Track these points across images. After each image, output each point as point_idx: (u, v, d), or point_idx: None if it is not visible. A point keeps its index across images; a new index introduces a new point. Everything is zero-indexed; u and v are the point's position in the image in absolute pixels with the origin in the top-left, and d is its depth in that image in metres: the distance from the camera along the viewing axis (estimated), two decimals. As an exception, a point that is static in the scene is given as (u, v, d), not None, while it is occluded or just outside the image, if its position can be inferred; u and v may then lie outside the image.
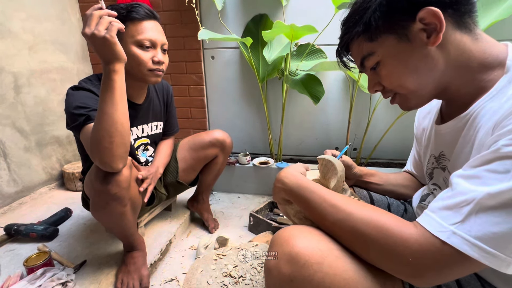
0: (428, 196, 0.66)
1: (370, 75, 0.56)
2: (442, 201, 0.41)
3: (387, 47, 0.50)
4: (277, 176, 0.63)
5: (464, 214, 0.38)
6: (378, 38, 0.50)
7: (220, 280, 0.93)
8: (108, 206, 0.83)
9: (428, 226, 0.40)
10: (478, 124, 0.47)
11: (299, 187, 0.55)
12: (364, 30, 0.50)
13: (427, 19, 0.45)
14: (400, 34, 0.48)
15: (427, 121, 0.68)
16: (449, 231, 0.38)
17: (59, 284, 0.89)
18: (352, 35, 0.52)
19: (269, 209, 1.45)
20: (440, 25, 0.45)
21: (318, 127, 1.73)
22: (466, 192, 0.38)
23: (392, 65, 0.51)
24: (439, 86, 0.51)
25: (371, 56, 0.52)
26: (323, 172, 0.65)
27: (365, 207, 0.47)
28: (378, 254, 0.44)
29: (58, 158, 1.74)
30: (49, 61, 1.64)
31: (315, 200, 0.51)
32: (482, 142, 0.44)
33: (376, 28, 0.49)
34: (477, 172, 0.39)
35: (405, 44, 0.48)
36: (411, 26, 0.47)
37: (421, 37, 0.47)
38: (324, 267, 0.44)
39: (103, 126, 0.70)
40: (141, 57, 0.89)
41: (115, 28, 0.66)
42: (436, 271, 0.39)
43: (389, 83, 0.53)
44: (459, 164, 0.51)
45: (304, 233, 0.49)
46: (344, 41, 0.55)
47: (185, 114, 1.86)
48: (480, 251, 0.36)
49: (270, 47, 1.48)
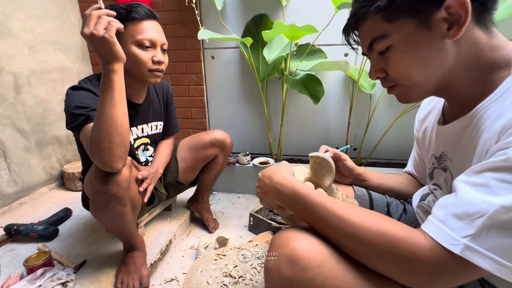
0: (428, 196, 0.66)
1: (375, 59, 0.53)
2: (448, 209, 0.40)
3: (403, 32, 0.46)
4: (266, 179, 0.59)
5: (477, 226, 0.37)
6: (397, 20, 0.46)
7: (220, 280, 0.93)
8: (108, 206, 0.83)
9: (439, 238, 0.39)
10: (481, 126, 0.45)
11: (296, 196, 0.52)
12: (386, 6, 0.45)
13: (454, 8, 0.42)
14: (421, 19, 0.44)
15: (427, 122, 0.67)
16: (462, 244, 0.37)
17: (59, 284, 0.89)
18: (370, 9, 0.47)
19: (269, 209, 1.45)
20: (465, 18, 0.42)
21: (318, 127, 1.73)
22: (476, 202, 0.37)
23: (404, 52, 0.48)
24: (442, 82, 0.49)
25: (384, 38, 0.48)
26: (316, 170, 0.64)
27: (371, 216, 0.46)
28: (388, 266, 0.43)
29: (58, 158, 1.74)
30: (49, 61, 1.64)
31: (318, 212, 0.49)
32: (486, 146, 0.43)
33: (399, 7, 0.45)
34: (485, 180, 0.38)
35: (423, 31, 0.45)
36: (435, 12, 0.43)
37: (441, 27, 0.44)
38: (324, 270, 0.44)
39: (103, 126, 0.70)
40: (141, 57, 0.89)
41: (114, 28, 0.66)
42: (446, 281, 0.39)
43: (396, 71, 0.50)
44: (461, 165, 0.50)
45: (304, 235, 0.49)
46: (359, 16, 0.49)
47: (185, 114, 1.86)
48: (494, 263, 0.36)
49: (270, 47, 1.47)
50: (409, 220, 0.73)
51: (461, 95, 0.50)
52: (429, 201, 0.65)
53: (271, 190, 0.57)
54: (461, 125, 0.51)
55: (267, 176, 0.59)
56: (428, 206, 0.64)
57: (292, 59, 1.51)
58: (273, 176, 0.57)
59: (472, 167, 0.41)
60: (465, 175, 0.41)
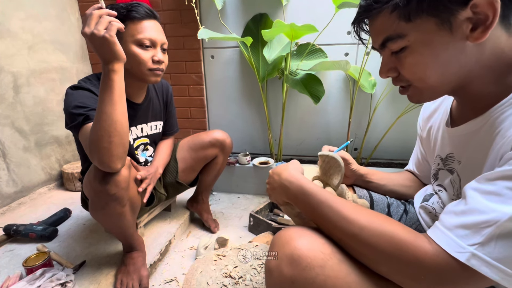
0: (432, 197, 0.65)
1: (387, 57, 0.49)
2: (456, 216, 0.39)
3: (422, 32, 0.42)
4: (275, 176, 0.59)
5: (485, 235, 0.36)
6: (417, 19, 0.42)
7: (220, 280, 0.93)
8: (107, 206, 0.83)
9: (445, 245, 0.38)
10: (496, 129, 0.43)
11: (303, 193, 0.53)
12: (406, 3, 0.41)
13: (481, 7, 0.38)
14: (443, 19, 0.40)
15: (433, 121, 0.65)
16: (468, 253, 0.36)
17: (59, 284, 0.89)
18: (384, 6, 0.43)
19: (269, 209, 1.44)
20: (493, 19, 0.38)
21: (318, 127, 1.73)
22: (486, 211, 0.36)
23: (421, 54, 0.44)
24: (458, 84, 0.46)
25: (400, 39, 0.44)
26: (325, 169, 0.64)
27: (376, 217, 0.45)
28: (390, 269, 0.43)
29: (58, 158, 1.73)
30: (48, 61, 1.63)
31: (324, 210, 0.49)
32: (501, 152, 0.41)
33: (419, 5, 0.41)
34: (497, 188, 0.37)
35: (444, 32, 0.41)
36: (459, 11, 0.39)
37: (464, 28, 0.40)
38: (326, 270, 0.44)
39: (102, 126, 0.70)
40: (141, 56, 0.89)
41: (114, 27, 0.66)
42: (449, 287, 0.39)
43: (411, 73, 0.47)
44: (471, 168, 0.49)
45: (306, 234, 0.48)
46: (374, 11, 0.45)
47: (185, 114, 1.86)
48: (501, 273, 0.35)
49: (270, 47, 1.47)
50: (410, 221, 0.72)
51: (476, 97, 0.48)
52: (433, 202, 0.64)
53: (279, 186, 0.57)
54: (473, 127, 0.49)
55: (277, 172, 0.60)
56: (432, 208, 0.63)
57: (292, 59, 1.50)
58: (282, 173, 0.58)
59: (484, 174, 0.39)
60: (477, 182, 0.40)
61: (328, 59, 1.46)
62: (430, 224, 0.63)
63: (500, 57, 0.43)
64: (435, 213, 0.62)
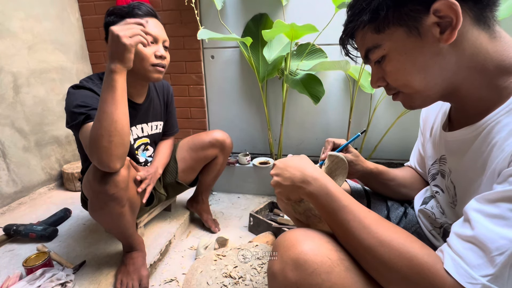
0: (431, 200, 0.64)
1: (375, 68, 0.52)
2: (466, 242, 0.38)
3: (394, 41, 0.45)
4: (291, 169, 0.55)
5: (497, 266, 0.35)
6: (386, 30, 0.45)
7: (220, 280, 0.93)
8: (106, 206, 0.83)
9: (456, 275, 0.37)
10: (492, 140, 0.43)
11: (327, 194, 0.50)
12: (370, 19, 0.45)
13: (443, 11, 0.40)
14: (410, 27, 0.43)
15: (432, 120, 0.64)
16: (480, 284, 0.35)
17: (59, 284, 0.89)
18: (357, 24, 0.47)
19: (269, 209, 1.44)
20: (456, 20, 0.40)
21: (318, 127, 1.73)
22: (495, 238, 0.35)
23: (398, 61, 0.46)
24: (448, 88, 0.47)
25: (377, 49, 0.47)
26: (331, 169, 0.64)
27: (398, 233, 0.43)
28: (400, 287, 0.42)
29: (58, 158, 1.73)
30: (48, 61, 1.63)
31: (344, 216, 0.47)
32: (498, 168, 0.40)
33: (385, 18, 0.44)
34: (501, 211, 0.36)
35: (415, 39, 0.43)
36: (423, 18, 0.42)
37: (433, 33, 0.42)
38: (333, 277, 0.43)
39: (103, 125, 0.70)
40: (144, 52, 0.90)
41: (138, 39, 0.71)
42: None
43: (394, 80, 0.49)
44: (467, 178, 0.48)
45: (312, 238, 0.47)
46: (349, 30, 0.50)
47: (185, 114, 1.86)
48: None
49: (270, 47, 1.47)
50: (409, 223, 0.71)
51: (470, 101, 0.48)
52: (432, 206, 0.63)
53: (301, 181, 0.53)
54: (468, 134, 0.48)
55: (295, 166, 0.55)
56: (431, 212, 0.63)
57: (292, 59, 1.50)
58: (306, 168, 0.54)
59: (484, 194, 0.39)
60: (478, 202, 0.39)
61: (328, 59, 1.46)
62: (430, 228, 0.63)
63: (486, 59, 0.43)
64: (435, 218, 0.61)
